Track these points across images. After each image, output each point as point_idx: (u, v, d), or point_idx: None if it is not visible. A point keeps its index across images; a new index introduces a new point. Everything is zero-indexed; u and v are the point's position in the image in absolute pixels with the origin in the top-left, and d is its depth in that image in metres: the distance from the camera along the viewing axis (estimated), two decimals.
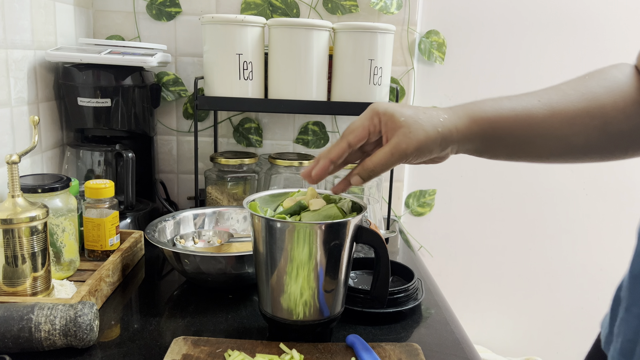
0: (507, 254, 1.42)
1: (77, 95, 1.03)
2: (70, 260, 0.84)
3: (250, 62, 1.03)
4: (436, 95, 1.32)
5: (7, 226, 0.69)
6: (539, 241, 1.41)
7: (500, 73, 1.31)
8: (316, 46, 1.02)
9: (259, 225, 0.66)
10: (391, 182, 1.11)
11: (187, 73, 1.26)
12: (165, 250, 0.82)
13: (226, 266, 0.80)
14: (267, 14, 1.22)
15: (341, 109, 1.06)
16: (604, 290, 1.44)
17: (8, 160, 0.69)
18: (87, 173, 1.05)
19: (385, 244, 0.68)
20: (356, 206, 0.72)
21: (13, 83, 0.93)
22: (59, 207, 0.81)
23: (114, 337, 0.70)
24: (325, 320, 0.68)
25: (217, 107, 1.06)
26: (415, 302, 0.81)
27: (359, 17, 1.23)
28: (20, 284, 0.71)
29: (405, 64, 1.27)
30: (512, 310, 1.46)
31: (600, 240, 1.41)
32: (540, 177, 1.37)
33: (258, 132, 1.29)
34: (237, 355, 0.64)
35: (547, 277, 1.43)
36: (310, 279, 0.65)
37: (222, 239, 0.94)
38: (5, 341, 0.63)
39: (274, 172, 1.15)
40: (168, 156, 1.30)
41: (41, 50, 1.02)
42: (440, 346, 0.72)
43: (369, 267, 0.91)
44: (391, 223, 1.26)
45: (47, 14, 1.04)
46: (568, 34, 1.30)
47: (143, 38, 1.23)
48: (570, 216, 1.40)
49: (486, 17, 1.29)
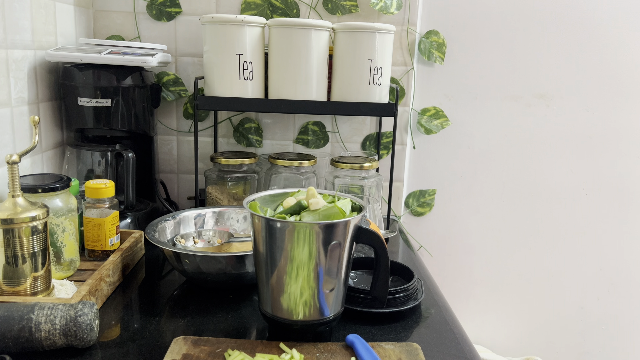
0: (507, 254, 1.42)
1: (78, 95, 1.03)
2: (70, 260, 0.84)
3: (250, 62, 1.03)
4: (436, 95, 1.32)
5: (8, 226, 0.69)
6: (539, 241, 1.41)
7: (500, 73, 1.31)
8: (316, 46, 1.02)
9: (259, 225, 0.66)
10: (391, 182, 1.11)
11: (187, 73, 1.26)
12: (165, 250, 0.82)
13: (226, 266, 0.80)
14: (267, 14, 1.22)
15: (341, 109, 1.06)
16: (604, 290, 1.44)
17: (8, 160, 0.69)
18: (87, 173, 1.05)
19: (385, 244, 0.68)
20: (356, 206, 0.72)
21: (13, 83, 0.93)
22: (59, 207, 0.81)
23: (114, 337, 0.71)
24: (325, 320, 0.69)
25: (217, 107, 1.06)
26: (415, 302, 0.81)
27: (359, 17, 1.24)
28: (21, 283, 0.71)
29: (405, 64, 1.27)
30: (512, 310, 1.46)
31: (600, 241, 1.41)
32: (540, 177, 1.38)
33: (258, 132, 1.29)
34: (237, 355, 0.64)
35: (547, 277, 1.43)
36: (310, 279, 0.66)
37: (222, 239, 0.94)
38: (6, 341, 0.63)
39: (274, 172, 1.15)
40: (168, 156, 1.30)
41: (41, 50, 1.02)
42: (440, 346, 0.72)
43: (369, 267, 0.91)
44: (391, 223, 1.26)
45: (48, 14, 1.04)
46: (568, 33, 1.30)
47: (143, 38, 1.23)
48: (570, 216, 1.40)
49: (486, 17, 1.29)
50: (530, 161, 1.37)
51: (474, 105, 1.33)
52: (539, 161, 1.37)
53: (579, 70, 1.32)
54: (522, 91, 1.33)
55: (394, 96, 1.16)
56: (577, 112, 1.34)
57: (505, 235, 1.41)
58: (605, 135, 1.35)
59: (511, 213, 1.40)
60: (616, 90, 1.33)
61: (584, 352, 1.47)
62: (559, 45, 1.30)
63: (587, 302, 1.45)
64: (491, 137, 1.35)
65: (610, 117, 1.34)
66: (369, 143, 1.31)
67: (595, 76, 1.32)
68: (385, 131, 1.30)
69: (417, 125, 1.32)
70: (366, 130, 1.30)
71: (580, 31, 1.30)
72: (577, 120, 1.34)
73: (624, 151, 1.36)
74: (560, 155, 1.36)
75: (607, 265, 1.43)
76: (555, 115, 1.34)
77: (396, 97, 1.05)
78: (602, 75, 1.32)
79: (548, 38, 1.30)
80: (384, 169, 1.29)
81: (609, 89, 1.33)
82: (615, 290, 1.44)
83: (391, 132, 1.30)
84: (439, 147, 1.35)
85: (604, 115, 1.34)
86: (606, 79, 1.32)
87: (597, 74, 1.32)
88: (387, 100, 1.10)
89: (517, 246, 1.42)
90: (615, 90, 1.33)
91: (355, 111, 1.06)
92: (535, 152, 1.36)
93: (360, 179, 1.12)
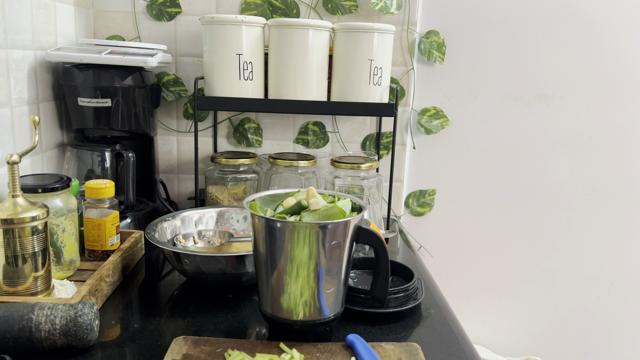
0: (507, 253, 1.42)
1: (78, 95, 1.03)
2: (70, 260, 0.84)
3: (250, 62, 1.03)
4: (436, 95, 1.32)
5: (8, 226, 0.69)
6: (539, 241, 1.41)
7: (500, 73, 1.31)
8: (316, 46, 1.02)
9: (259, 225, 0.66)
10: (391, 182, 1.11)
11: (187, 73, 1.26)
12: (165, 250, 0.82)
13: (226, 266, 0.80)
14: (267, 14, 1.22)
15: (341, 109, 1.06)
16: (604, 290, 1.44)
17: (8, 160, 0.69)
18: (87, 173, 1.05)
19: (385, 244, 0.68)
20: (356, 206, 0.72)
21: (13, 83, 0.93)
22: (59, 207, 0.81)
23: (114, 337, 0.71)
24: (325, 320, 0.69)
25: (217, 107, 1.06)
26: (415, 302, 0.81)
27: (359, 18, 1.24)
28: (21, 283, 0.71)
29: (405, 64, 1.27)
30: (512, 310, 1.46)
31: (600, 240, 1.41)
32: (540, 177, 1.38)
33: (258, 132, 1.29)
34: (237, 355, 0.64)
35: (547, 277, 1.43)
36: (310, 279, 0.66)
37: (222, 239, 0.94)
38: (6, 341, 0.63)
39: (274, 172, 1.15)
40: (168, 156, 1.30)
41: (41, 51, 1.02)
42: (440, 346, 0.72)
43: (369, 267, 0.91)
44: (391, 223, 1.26)
45: (48, 14, 1.04)
46: (569, 33, 1.30)
47: (143, 38, 1.23)
48: (570, 216, 1.40)
49: (486, 17, 1.29)
50: (530, 161, 1.37)
51: (474, 105, 1.33)
52: (539, 161, 1.37)
53: (579, 70, 1.32)
54: (522, 91, 1.33)
55: (394, 96, 1.16)
56: (577, 112, 1.34)
57: (505, 235, 1.41)
58: (605, 135, 1.35)
59: (511, 213, 1.40)
60: (616, 90, 1.33)
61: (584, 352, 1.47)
62: (559, 45, 1.30)
63: (587, 302, 1.45)
64: (491, 137, 1.35)
65: (610, 117, 1.34)
66: (369, 143, 1.31)
67: (595, 76, 1.32)
68: (385, 131, 1.30)
69: (417, 125, 1.32)
70: (366, 130, 1.30)
71: (580, 31, 1.30)
72: (577, 120, 1.34)
73: (624, 151, 1.36)
74: (560, 155, 1.36)
75: (607, 265, 1.43)
76: (555, 115, 1.34)
77: (396, 97, 1.05)
78: (602, 75, 1.32)
79: (548, 38, 1.30)
80: (384, 169, 1.29)
81: (609, 89, 1.33)
82: (615, 290, 1.44)
83: (391, 132, 1.30)
84: (439, 147, 1.35)
85: (604, 115, 1.34)
86: (606, 79, 1.32)
87: (597, 74, 1.32)
88: (387, 101, 1.10)
89: (517, 246, 1.42)
90: (615, 90, 1.33)
91: (355, 111, 1.06)
92: (535, 152, 1.36)
93: (360, 179, 1.12)
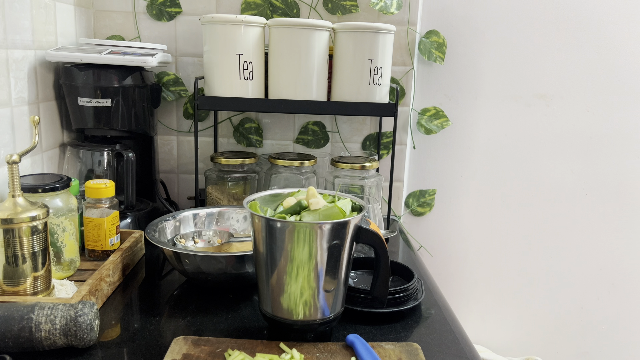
0: (507, 253, 1.42)
1: (78, 95, 1.03)
2: (70, 260, 0.84)
3: (251, 62, 1.03)
4: (436, 95, 1.32)
5: (8, 226, 0.69)
6: (539, 241, 1.41)
7: (500, 73, 1.32)
8: (316, 46, 1.02)
9: (259, 225, 0.66)
10: (391, 182, 1.11)
11: (187, 73, 1.26)
12: (165, 250, 0.82)
13: (226, 266, 0.80)
14: (267, 14, 1.22)
15: (341, 109, 1.06)
16: (604, 290, 1.44)
17: (8, 160, 0.69)
18: (87, 173, 1.05)
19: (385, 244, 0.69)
20: (356, 206, 0.72)
21: (13, 83, 0.93)
22: (59, 207, 0.81)
23: (114, 337, 0.71)
24: (325, 320, 0.69)
25: (217, 107, 1.06)
26: (415, 302, 0.81)
27: (359, 17, 1.24)
28: (21, 283, 0.71)
29: (405, 64, 1.27)
30: (512, 310, 1.46)
31: (600, 240, 1.41)
32: (540, 177, 1.38)
33: (258, 132, 1.29)
34: (237, 355, 0.64)
35: (547, 277, 1.43)
36: (310, 279, 0.66)
37: (222, 238, 0.94)
38: (6, 341, 0.63)
39: (274, 172, 1.15)
40: (168, 156, 1.30)
41: (41, 50, 1.02)
42: (440, 346, 0.72)
43: (369, 267, 0.91)
44: (391, 223, 1.26)
45: (48, 14, 1.04)
46: (569, 33, 1.30)
47: (143, 38, 1.23)
48: (570, 216, 1.40)
49: (486, 17, 1.29)
50: (530, 161, 1.37)
51: (474, 105, 1.33)
52: (539, 161, 1.37)
53: (579, 70, 1.32)
54: (522, 91, 1.33)
55: (394, 96, 1.16)
56: (578, 112, 1.34)
57: (505, 235, 1.41)
58: (605, 135, 1.35)
59: (511, 213, 1.40)
60: (616, 90, 1.33)
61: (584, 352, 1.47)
62: (559, 45, 1.30)
63: (587, 302, 1.45)
64: (491, 137, 1.35)
65: (610, 117, 1.34)
66: (369, 143, 1.31)
67: (595, 76, 1.32)
68: (385, 131, 1.30)
69: (417, 125, 1.32)
70: (366, 130, 1.30)
71: (580, 31, 1.30)
72: (577, 120, 1.34)
73: (624, 151, 1.36)
74: (560, 155, 1.36)
75: (607, 265, 1.42)
76: (555, 115, 1.34)
77: (396, 97, 1.05)
78: (602, 75, 1.32)
79: (548, 38, 1.30)
80: (384, 169, 1.29)
81: (609, 89, 1.33)
82: (615, 290, 1.44)
83: (391, 132, 1.30)
84: (439, 147, 1.35)
85: (604, 115, 1.34)
86: (606, 79, 1.32)
87: (597, 74, 1.32)
88: (387, 100, 1.10)
89: (517, 246, 1.42)
90: (615, 90, 1.33)
91: (355, 111, 1.06)
92: (535, 152, 1.36)
93: (360, 179, 1.12)
